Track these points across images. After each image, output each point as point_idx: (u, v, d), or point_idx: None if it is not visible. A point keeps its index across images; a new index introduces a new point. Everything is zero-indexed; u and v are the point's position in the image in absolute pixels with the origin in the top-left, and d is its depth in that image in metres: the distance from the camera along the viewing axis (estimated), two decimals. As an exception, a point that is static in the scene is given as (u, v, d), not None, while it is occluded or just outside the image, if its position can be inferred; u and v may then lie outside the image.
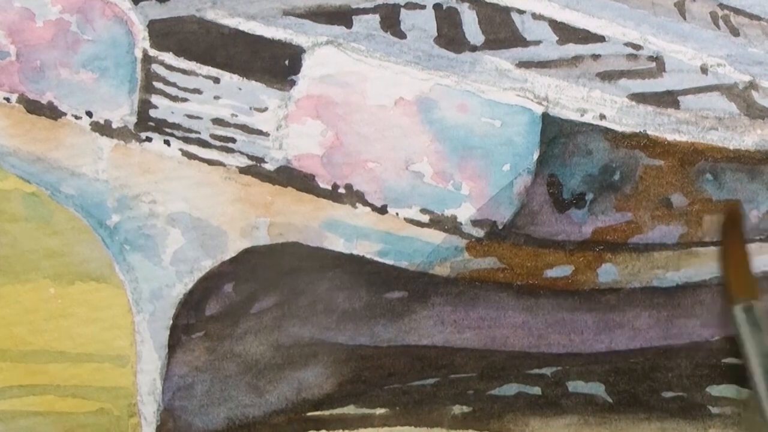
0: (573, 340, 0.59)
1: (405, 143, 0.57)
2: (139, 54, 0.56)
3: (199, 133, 0.57)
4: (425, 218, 0.58)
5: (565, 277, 0.59)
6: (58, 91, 0.56)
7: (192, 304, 0.58)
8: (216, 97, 0.57)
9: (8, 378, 0.57)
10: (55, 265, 0.56)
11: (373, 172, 0.57)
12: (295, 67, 0.57)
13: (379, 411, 0.59)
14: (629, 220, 0.58)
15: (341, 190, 0.57)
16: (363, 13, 0.57)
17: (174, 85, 0.56)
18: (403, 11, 0.57)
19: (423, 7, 0.57)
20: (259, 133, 0.57)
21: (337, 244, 0.58)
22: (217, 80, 0.56)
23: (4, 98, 0.56)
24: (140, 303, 0.57)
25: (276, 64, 0.57)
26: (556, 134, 0.58)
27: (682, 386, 0.60)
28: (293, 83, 0.57)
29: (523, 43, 0.58)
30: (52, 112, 0.56)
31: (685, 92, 0.58)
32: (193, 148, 0.57)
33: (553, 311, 0.59)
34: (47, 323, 0.57)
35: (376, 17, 0.57)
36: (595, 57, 0.58)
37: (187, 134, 0.57)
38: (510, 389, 0.60)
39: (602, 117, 0.58)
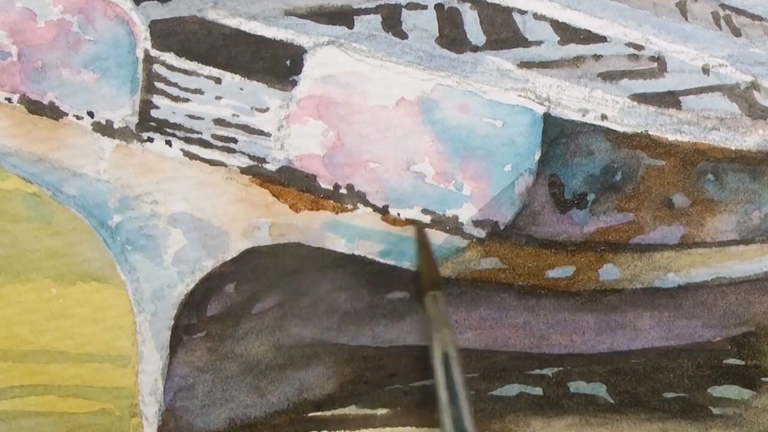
0: (574, 340, 0.59)
1: (406, 144, 0.57)
2: (140, 54, 0.56)
3: (201, 133, 0.57)
4: (427, 219, 0.58)
5: (567, 278, 0.59)
6: (60, 92, 0.56)
7: (193, 305, 0.58)
8: (217, 98, 0.57)
9: (9, 378, 0.57)
10: (56, 265, 0.56)
11: (374, 172, 0.57)
12: (297, 67, 0.57)
13: (381, 411, 0.59)
14: (631, 221, 0.58)
15: (343, 191, 0.57)
16: (364, 14, 0.57)
17: (175, 85, 0.56)
18: (404, 11, 0.57)
19: (424, 7, 0.57)
20: (261, 133, 0.57)
21: (339, 244, 0.58)
22: (218, 80, 0.57)
23: (6, 98, 0.56)
24: (142, 303, 0.57)
25: (277, 65, 0.57)
26: (557, 134, 0.58)
27: (684, 387, 0.60)
28: (295, 83, 0.57)
29: (525, 43, 0.58)
30: (53, 113, 0.56)
31: (687, 92, 0.58)
32: (195, 149, 0.57)
33: (554, 312, 0.59)
34: (48, 323, 0.57)
35: (378, 17, 0.57)
36: (597, 57, 0.58)
37: (188, 134, 0.57)
38: (511, 390, 0.60)
39: (604, 117, 0.58)
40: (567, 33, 0.58)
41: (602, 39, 0.58)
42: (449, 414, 0.50)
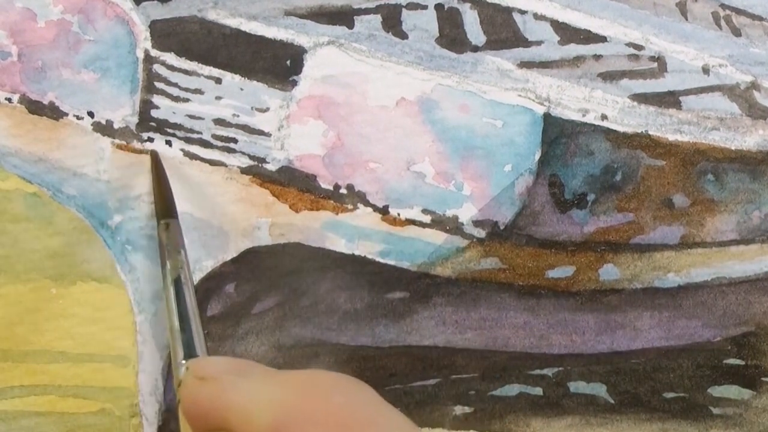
0: (574, 340, 0.59)
1: (406, 143, 0.57)
2: (140, 54, 0.56)
3: (201, 133, 0.57)
4: (427, 219, 0.58)
5: (567, 278, 0.59)
6: (60, 92, 0.56)
7: (193, 305, 0.58)
8: (217, 98, 0.57)
9: (9, 378, 0.57)
10: (56, 265, 0.56)
11: (374, 172, 0.57)
12: (297, 67, 0.57)
13: (381, 411, 0.59)
14: (631, 221, 0.58)
15: (343, 191, 0.57)
16: (365, 14, 0.57)
17: (176, 85, 0.56)
18: (404, 11, 0.57)
19: (425, 7, 0.57)
20: (261, 133, 0.57)
21: (339, 244, 0.58)
22: (218, 80, 0.56)
23: (6, 98, 0.56)
24: (142, 303, 0.57)
25: (277, 65, 0.57)
26: (557, 134, 0.58)
27: (684, 387, 0.60)
28: (295, 83, 0.57)
29: (525, 43, 0.58)
30: (53, 113, 0.56)
31: (687, 92, 0.58)
32: (195, 149, 0.57)
33: (554, 312, 0.59)
34: (48, 323, 0.57)
35: (378, 17, 0.57)
36: (597, 57, 0.58)
37: (188, 134, 0.57)
38: (511, 390, 0.60)
39: (604, 117, 0.58)
40: (567, 33, 0.58)
41: (602, 39, 0.58)
42: (180, 340, 0.49)
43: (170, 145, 0.57)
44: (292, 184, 0.57)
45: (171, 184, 0.57)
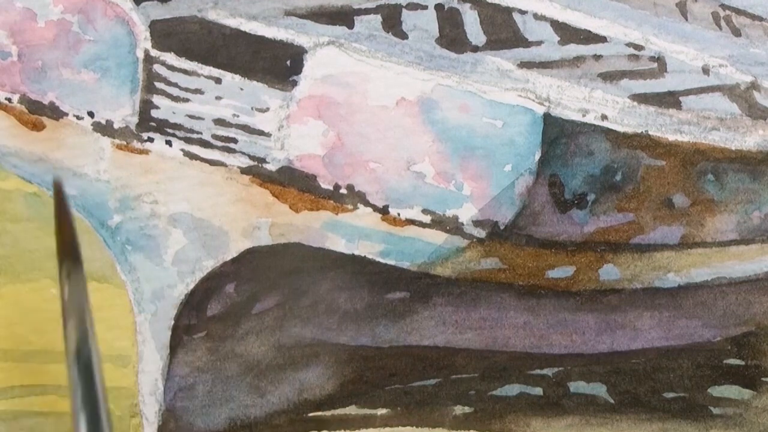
0: (575, 340, 0.59)
1: (406, 143, 0.57)
2: (140, 54, 0.56)
3: (201, 133, 0.57)
4: (427, 219, 0.58)
5: (567, 278, 0.59)
6: (60, 92, 0.56)
7: (193, 305, 0.58)
8: (217, 98, 0.57)
9: (10, 378, 0.57)
10: (56, 265, 0.56)
11: (374, 172, 0.57)
12: (297, 67, 0.57)
13: (381, 411, 0.59)
14: (631, 221, 0.58)
15: (343, 191, 0.57)
16: (365, 14, 0.57)
17: (176, 85, 0.56)
18: (404, 12, 0.57)
19: (425, 7, 0.57)
20: (261, 133, 0.57)
21: (339, 244, 0.58)
22: (218, 81, 0.56)
23: (6, 98, 0.56)
24: (142, 303, 0.57)
25: (277, 65, 0.57)
26: (557, 135, 0.58)
27: (684, 387, 0.60)
28: (295, 83, 0.57)
29: (525, 43, 0.58)
30: (53, 113, 0.56)
31: (687, 93, 0.58)
32: (195, 149, 0.57)
33: (554, 312, 0.59)
34: (48, 323, 0.57)
35: (378, 17, 0.57)
36: (597, 57, 0.58)
37: (188, 134, 0.57)
38: (511, 390, 0.60)
39: (604, 117, 0.58)
40: (567, 33, 0.58)
41: (602, 39, 0.58)
42: (84, 424, 0.41)
43: (170, 145, 0.57)
44: (292, 184, 0.57)
45: (171, 184, 0.57)
